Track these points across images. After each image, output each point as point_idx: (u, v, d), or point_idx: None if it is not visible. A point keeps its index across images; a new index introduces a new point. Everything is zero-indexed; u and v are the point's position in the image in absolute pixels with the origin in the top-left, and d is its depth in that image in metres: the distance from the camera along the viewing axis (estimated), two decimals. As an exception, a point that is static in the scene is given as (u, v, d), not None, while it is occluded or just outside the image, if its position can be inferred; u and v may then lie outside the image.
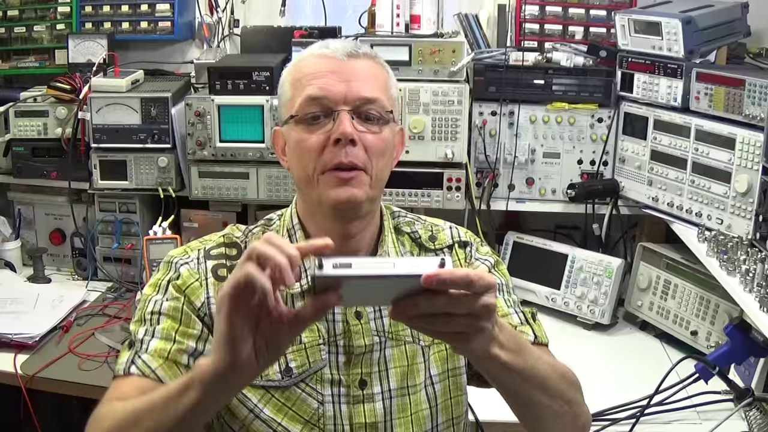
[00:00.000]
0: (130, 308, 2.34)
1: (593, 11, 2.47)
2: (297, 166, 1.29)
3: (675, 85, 2.18)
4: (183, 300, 1.27)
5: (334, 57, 1.28)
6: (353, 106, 1.26)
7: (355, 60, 1.28)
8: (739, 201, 1.99)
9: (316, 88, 1.25)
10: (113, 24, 2.73)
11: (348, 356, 1.29)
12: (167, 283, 1.29)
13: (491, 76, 2.40)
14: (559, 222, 2.67)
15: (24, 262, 2.65)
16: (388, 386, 1.31)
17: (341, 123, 1.23)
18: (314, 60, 1.29)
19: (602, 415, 1.85)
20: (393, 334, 1.32)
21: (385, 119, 1.29)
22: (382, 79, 1.32)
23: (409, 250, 1.40)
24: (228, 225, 1.45)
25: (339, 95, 1.25)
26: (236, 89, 2.38)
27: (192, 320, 1.26)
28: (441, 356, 1.36)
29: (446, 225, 1.47)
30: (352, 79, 1.26)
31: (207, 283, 1.29)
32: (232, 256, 1.33)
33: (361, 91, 1.26)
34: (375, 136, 1.27)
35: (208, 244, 1.36)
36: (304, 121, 1.26)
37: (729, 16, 2.24)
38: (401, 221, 1.43)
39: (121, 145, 2.46)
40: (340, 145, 1.23)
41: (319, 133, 1.25)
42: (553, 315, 2.39)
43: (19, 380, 1.98)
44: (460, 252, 1.43)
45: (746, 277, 1.78)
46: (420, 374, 1.33)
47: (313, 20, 2.82)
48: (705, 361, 1.82)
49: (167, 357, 1.21)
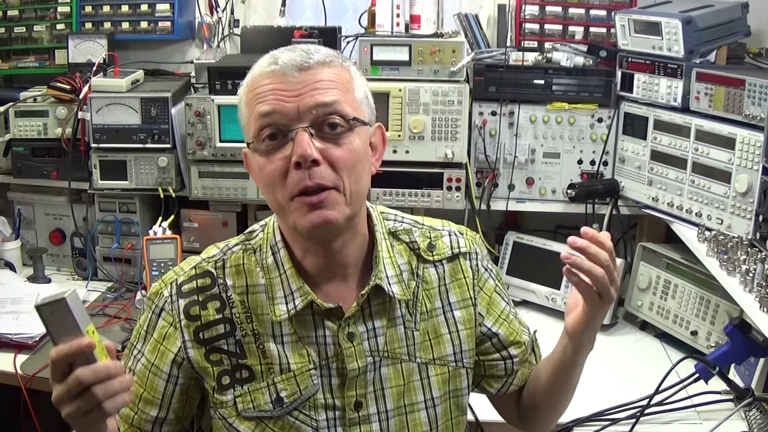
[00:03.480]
0: (130, 308, 2.35)
1: (593, 11, 2.47)
2: (266, 193, 1.22)
3: (675, 85, 2.18)
4: (156, 356, 1.29)
5: (283, 73, 1.18)
6: (310, 121, 1.16)
7: (306, 72, 1.18)
8: (739, 201, 1.99)
9: (267, 111, 1.17)
10: (113, 24, 2.73)
11: (342, 378, 1.25)
12: (145, 332, 1.32)
13: (491, 76, 2.40)
14: (559, 222, 2.67)
15: (24, 262, 2.65)
16: (384, 406, 1.27)
17: (299, 144, 1.14)
18: (262, 79, 1.20)
19: (602, 415, 1.85)
20: (389, 353, 1.28)
21: (349, 127, 1.19)
22: (341, 83, 1.20)
23: (407, 261, 1.33)
24: (227, 225, 1.44)
25: (292, 111, 1.16)
26: (236, 89, 2.33)
27: (157, 382, 1.29)
28: (443, 378, 1.32)
29: (445, 230, 1.39)
30: (304, 92, 1.17)
31: (181, 326, 1.27)
32: (205, 287, 1.29)
33: (315, 98, 1.16)
34: (341, 149, 1.17)
35: (180, 277, 1.31)
36: (263, 147, 1.19)
37: (729, 16, 2.24)
38: (398, 227, 1.36)
39: (121, 145, 2.46)
40: (302, 168, 1.15)
41: (278, 158, 1.17)
42: (553, 315, 2.39)
43: (19, 380, 1.98)
44: (465, 264, 1.37)
45: (746, 277, 1.78)
46: (418, 393, 1.30)
47: (313, 20, 2.83)
48: (705, 361, 1.82)
49: (131, 424, 1.31)
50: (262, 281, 1.28)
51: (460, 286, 1.36)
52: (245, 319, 1.27)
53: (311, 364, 1.25)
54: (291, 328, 1.26)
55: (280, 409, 1.25)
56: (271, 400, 1.25)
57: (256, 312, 1.27)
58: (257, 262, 1.29)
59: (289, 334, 1.26)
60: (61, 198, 2.63)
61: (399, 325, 1.30)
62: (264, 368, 1.26)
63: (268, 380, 1.25)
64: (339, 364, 1.26)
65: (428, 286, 1.34)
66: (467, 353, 1.35)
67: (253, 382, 1.26)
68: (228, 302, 1.28)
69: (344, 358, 1.25)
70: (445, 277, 1.35)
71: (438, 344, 1.32)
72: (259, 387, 1.26)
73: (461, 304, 1.36)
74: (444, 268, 1.36)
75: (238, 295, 1.28)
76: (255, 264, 1.29)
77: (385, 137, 1.32)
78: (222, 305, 1.28)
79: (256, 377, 1.26)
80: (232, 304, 1.28)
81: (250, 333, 1.26)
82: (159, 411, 1.30)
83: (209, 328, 1.27)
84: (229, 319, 1.27)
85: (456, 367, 1.33)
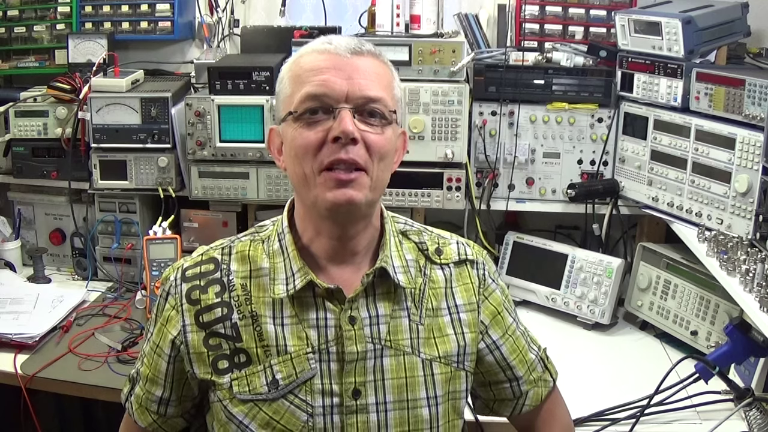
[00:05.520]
0: (130, 308, 2.35)
1: (593, 11, 2.47)
2: (293, 165, 1.24)
3: (675, 85, 2.18)
4: (160, 337, 1.33)
5: (337, 53, 1.23)
6: (355, 105, 1.21)
7: (358, 57, 1.23)
8: (739, 201, 1.99)
9: (317, 85, 1.21)
10: (113, 24, 2.73)
11: (341, 363, 1.25)
12: (155, 316, 1.35)
13: (491, 76, 2.40)
14: (559, 222, 2.67)
15: (24, 262, 2.65)
16: (383, 398, 1.26)
17: (342, 120, 1.18)
18: (315, 56, 1.24)
19: (602, 415, 1.85)
20: (392, 343, 1.28)
21: (388, 119, 1.24)
22: (386, 78, 1.27)
23: (415, 259, 1.35)
24: (227, 224, 1.46)
25: (340, 92, 1.20)
26: (236, 89, 2.38)
27: (160, 363, 1.33)
28: (446, 377, 1.32)
29: (452, 239, 1.42)
30: (354, 77, 1.21)
31: (182, 309, 1.29)
32: (208, 272, 1.31)
33: (363, 89, 1.21)
34: (377, 136, 1.22)
35: (187, 262, 1.34)
36: (303, 117, 1.22)
37: (729, 16, 2.24)
38: (408, 228, 1.39)
39: (121, 145, 2.46)
40: (339, 143, 1.18)
41: (318, 130, 1.20)
42: (553, 315, 2.39)
43: (19, 380, 1.98)
44: (472, 272, 1.38)
45: (746, 277, 1.78)
46: (421, 389, 1.29)
47: (313, 20, 2.83)
48: (705, 361, 1.82)
49: (141, 404, 1.37)
50: (266, 265, 1.30)
51: (466, 290, 1.37)
52: (244, 301, 1.28)
53: (309, 348, 1.25)
54: (292, 310, 1.27)
55: (275, 391, 1.25)
56: (267, 382, 1.25)
57: (257, 294, 1.28)
58: (264, 250, 1.32)
59: (290, 316, 1.26)
60: (61, 198, 2.63)
61: (404, 317, 1.30)
62: (260, 351, 1.26)
63: (264, 363, 1.26)
64: (339, 348, 1.25)
65: (435, 285, 1.35)
66: (469, 356, 1.36)
67: (251, 365, 1.26)
68: (228, 286, 1.29)
69: (344, 341, 1.25)
70: (451, 280, 1.36)
71: (443, 343, 1.32)
72: (256, 371, 1.26)
73: (468, 308, 1.36)
74: (451, 270, 1.37)
75: (241, 279, 1.30)
76: (261, 252, 1.32)
77: (406, 143, 1.37)
78: (222, 289, 1.29)
79: (252, 361, 1.26)
80: (232, 288, 1.29)
81: (248, 315, 1.27)
82: (163, 391, 1.34)
83: (209, 311, 1.29)
84: (227, 303, 1.28)
85: (458, 368, 1.34)
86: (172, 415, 1.37)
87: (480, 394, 1.48)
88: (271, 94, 2.35)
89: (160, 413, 1.36)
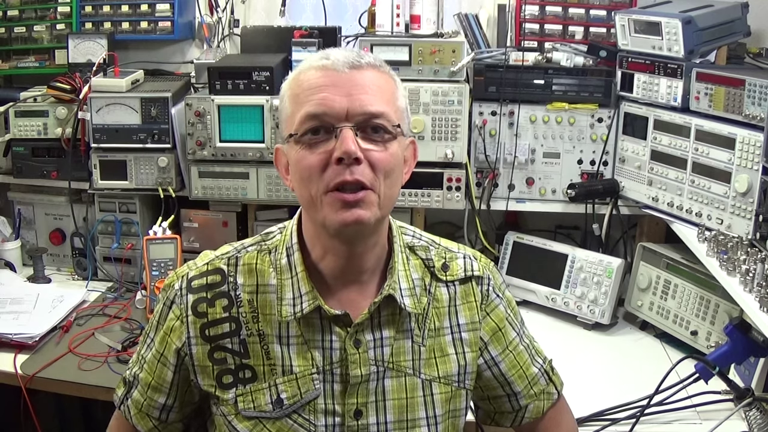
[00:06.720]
0: (130, 308, 2.35)
1: (593, 11, 2.47)
2: (299, 187, 1.22)
3: (675, 85, 2.18)
4: (164, 347, 1.31)
5: (335, 69, 1.19)
6: (356, 122, 1.17)
7: (357, 71, 1.19)
8: (739, 201, 1.99)
9: (315, 104, 1.17)
10: (113, 24, 2.73)
11: (344, 385, 1.25)
12: (157, 323, 1.34)
13: (491, 76, 2.40)
14: (559, 222, 2.67)
15: (24, 262, 2.65)
16: (384, 418, 1.27)
17: (344, 140, 1.15)
18: (313, 72, 1.20)
19: (602, 415, 1.85)
20: (394, 365, 1.28)
21: (393, 134, 1.20)
22: (389, 91, 1.23)
23: (421, 277, 1.33)
24: (227, 224, 1.45)
25: (340, 111, 1.16)
26: (236, 89, 2.38)
27: (165, 372, 1.32)
28: (446, 397, 1.32)
29: (460, 252, 1.39)
30: (354, 93, 1.17)
31: (188, 321, 1.28)
32: (215, 284, 1.29)
33: (365, 105, 1.17)
34: (381, 153, 1.18)
35: (192, 271, 1.32)
36: (304, 139, 1.18)
37: (729, 16, 2.24)
38: (416, 243, 1.36)
39: (121, 145, 2.46)
40: (343, 164, 1.15)
41: (320, 152, 1.17)
42: (553, 315, 2.39)
43: (19, 380, 1.98)
44: (477, 289, 1.37)
45: (746, 277, 1.78)
46: (420, 410, 1.29)
47: (313, 20, 2.83)
48: (705, 361, 1.82)
49: (140, 409, 1.36)
50: (273, 281, 1.28)
51: (470, 309, 1.36)
52: (251, 319, 1.27)
53: (314, 368, 1.25)
54: (298, 330, 1.26)
55: (279, 410, 1.25)
56: (271, 401, 1.25)
57: (264, 312, 1.27)
58: (271, 262, 1.30)
59: (296, 336, 1.26)
60: (61, 198, 2.63)
61: (407, 338, 1.30)
62: (267, 369, 1.26)
63: (270, 381, 1.26)
64: (343, 370, 1.25)
65: (439, 304, 1.34)
66: (470, 375, 1.36)
67: (256, 382, 1.26)
68: (236, 301, 1.28)
69: (348, 364, 1.25)
70: (456, 298, 1.35)
71: (444, 363, 1.32)
72: (261, 387, 1.26)
73: (469, 327, 1.36)
74: (456, 289, 1.36)
75: (248, 294, 1.29)
76: (268, 264, 1.30)
77: (416, 153, 1.34)
78: (230, 303, 1.28)
79: (258, 378, 1.26)
80: (239, 303, 1.28)
81: (255, 333, 1.27)
82: (167, 398, 1.34)
83: (215, 325, 1.28)
84: (235, 318, 1.28)
85: (458, 387, 1.34)
86: (173, 420, 1.37)
87: (481, 406, 1.48)
88: (271, 94, 2.35)
89: (161, 419, 1.36)
